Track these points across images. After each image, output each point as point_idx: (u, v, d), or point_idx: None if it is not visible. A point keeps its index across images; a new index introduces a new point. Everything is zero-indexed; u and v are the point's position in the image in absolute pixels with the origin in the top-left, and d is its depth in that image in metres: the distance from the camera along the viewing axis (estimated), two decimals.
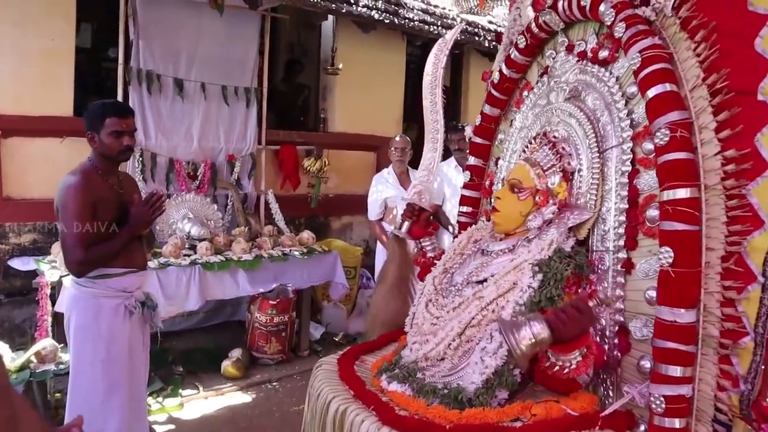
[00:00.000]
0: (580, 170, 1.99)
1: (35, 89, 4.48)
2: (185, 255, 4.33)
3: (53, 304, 3.80)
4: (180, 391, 4.19)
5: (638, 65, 1.73)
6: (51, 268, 3.91)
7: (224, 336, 5.17)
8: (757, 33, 1.59)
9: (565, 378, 1.62)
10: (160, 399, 4.03)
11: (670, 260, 1.54)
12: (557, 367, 1.61)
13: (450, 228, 5.32)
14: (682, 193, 1.56)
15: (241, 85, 5.28)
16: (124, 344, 2.79)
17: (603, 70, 2.03)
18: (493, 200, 2.12)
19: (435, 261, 2.27)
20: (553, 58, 2.28)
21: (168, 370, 4.41)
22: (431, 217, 2.48)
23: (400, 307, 2.29)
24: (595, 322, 1.67)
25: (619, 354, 1.80)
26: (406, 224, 2.42)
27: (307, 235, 5.12)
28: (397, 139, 5.16)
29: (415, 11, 6.48)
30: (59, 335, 3.73)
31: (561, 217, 1.96)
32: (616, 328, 1.82)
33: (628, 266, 1.82)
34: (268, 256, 4.65)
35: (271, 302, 4.75)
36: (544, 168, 2.01)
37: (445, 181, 5.29)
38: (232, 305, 5.43)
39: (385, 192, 5.02)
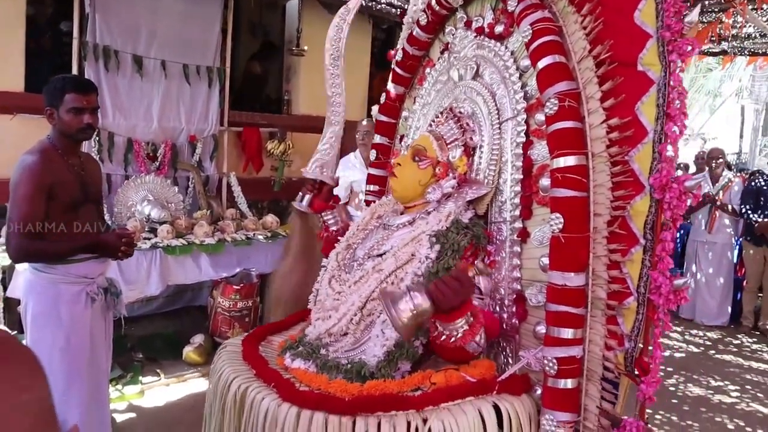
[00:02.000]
0: (481, 146, 2.03)
1: None
2: (145, 238, 4.19)
3: (4, 289, 3.63)
4: (140, 378, 4.08)
5: (529, 38, 1.77)
6: (1, 252, 3.74)
7: (185, 322, 5.05)
8: (636, 6, 1.64)
9: (453, 347, 1.62)
10: (119, 387, 3.91)
11: (560, 226, 1.59)
12: (444, 336, 1.61)
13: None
14: (571, 160, 1.60)
15: (203, 65, 5.13)
16: (85, 332, 2.67)
17: (499, 44, 2.06)
18: (393, 166, 2.11)
19: (338, 235, 2.26)
20: (453, 35, 2.30)
21: (127, 357, 4.29)
22: (332, 191, 2.46)
23: (303, 281, 2.27)
24: (473, 291, 1.69)
25: (516, 321, 1.84)
26: (307, 197, 2.37)
27: (271, 218, 5.02)
28: (364, 122, 5.08)
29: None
30: (11, 322, 3.58)
31: (460, 191, 1.99)
32: (514, 296, 1.86)
33: (523, 235, 1.87)
34: (232, 240, 4.54)
35: (234, 287, 4.65)
36: (447, 141, 2.03)
37: None
38: (192, 290, 5.31)
39: (351, 176, 4.94)
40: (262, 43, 7.28)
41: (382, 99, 2.69)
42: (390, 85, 2.65)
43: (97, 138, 4.49)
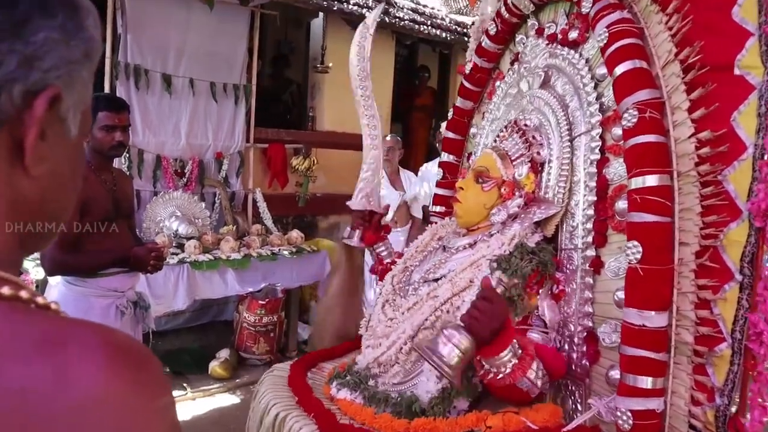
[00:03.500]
0: (549, 161, 1.86)
1: None
2: (173, 253, 4.25)
3: None
4: None
5: (605, 41, 1.59)
6: (35, 266, 3.81)
7: (211, 336, 5.10)
8: (735, 1, 1.43)
9: (504, 385, 1.46)
10: None
11: (639, 256, 1.40)
12: (491, 374, 1.45)
13: None
14: (652, 180, 1.40)
15: (229, 82, 5.20)
16: None
17: (573, 52, 1.89)
18: (456, 189, 1.97)
19: (392, 266, 2.13)
20: (524, 44, 2.14)
21: None
22: (381, 221, 2.31)
23: (345, 317, 2.20)
24: (508, 308, 1.49)
25: (587, 363, 1.64)
26: (358, 233, 2.21)
27: (296, 234, 5.06)
28: (387, 138, 5.12)
29: (405, 10, 6.45)
30: None
31: (527, 212, 1.82)
32: (584, 334, 1.66)
33: (596, 265, 1.67)
34: (257, 255, 4.58)
35: (260, 302, 4.69)
36: (512, 158, 1.87)
37: (426, 182, 5.28)
38: (218, 305, 5.36)
39: None
40: (275, 57, 7.37)
41: (450, 114, 2.54)
42: (458, 100, 2.49)
43: (127, 155, 4.58)
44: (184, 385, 4.29)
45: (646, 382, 1.37)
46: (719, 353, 1.38)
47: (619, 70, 1.52)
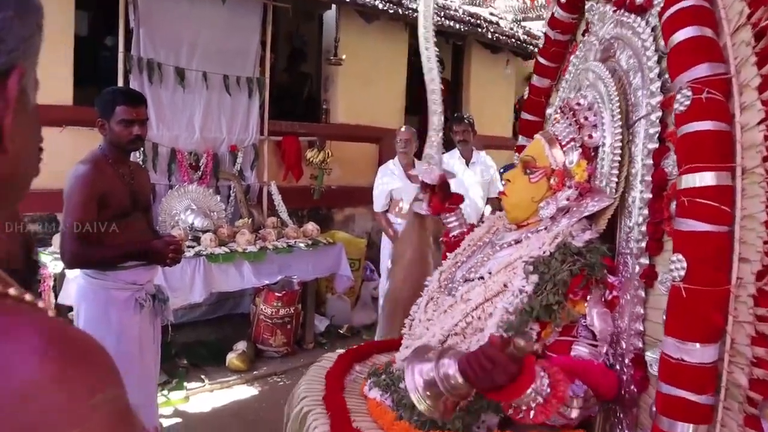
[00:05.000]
0: (603, 145, 1.61)
1: None
2: (189, 246, 4.26)
3: (56, 296, 3.72)
4: (185, 383, 4.13)
5: (662, 4, 1.34)
6: (53, 260, 3.84)
7: (227, 328, 5.11)
8: None
9: (531, 423, 1.27)
10: (165, 392, 3.97)
11: (682, 273, 1.16)
12: (511, 410, 1.28)
13: None
14: (706, 178, 1.14)
15: (243, 75, 5.20)
16: (135, 337, 2.73)
17: (639, 19, 1.60)
18: (503, 183, 1.79)
19: (460, 241, 1.97)
20: (593, 11, 1.85)
21: (172, 363, 4.34)
22: (449, 190, 2.14)
23: (416, 293, 1.99)
24: (511, 374, 1.20)
25: (635, 389, 1.39)
26: (425, 200, 2.11)
27: (311, 226, 5.06)
28: (402, 129, 5.10)
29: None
30: None
31: (580, 204, 1.61)
32: (632, 356, 1.42)
33: (649, 276, 1.40)
34: (273, 248, 4.59)
35: (276, 294, 4.70)
36: (563, 143, 1.66)
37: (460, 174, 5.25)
38: (234, 297, 5.37)
39: (390, 184, 4.96)
40: (291, 51, 7.36)
41: (525, 94, 2.31)
42: (534, 78, 2.24)
43: (142, 149, 4.59)
44: (202, 377, 4.31)
45: (686, 429, 1.15)
46: None
47: (676, 39, 1.25)
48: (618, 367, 1.47)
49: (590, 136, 1.63)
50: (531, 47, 7.87)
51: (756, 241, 1.13)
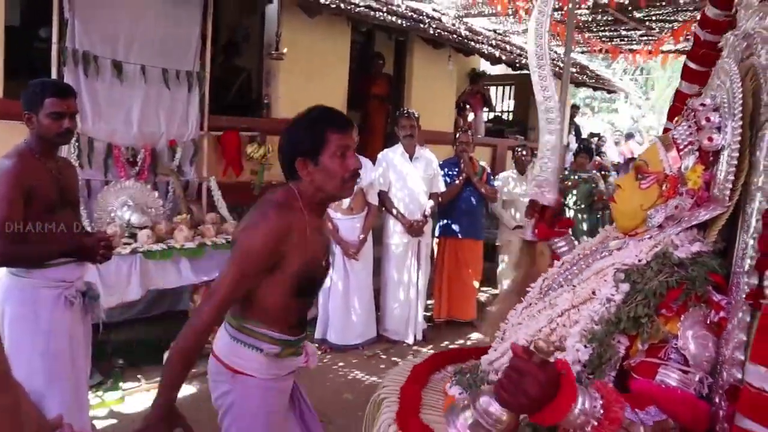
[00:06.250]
0: (724, 149, 1.46)
1: None
2: (125, 243, 4.18)
3: None
4: (121, 384, 4.06)
5: None
6: None
7: (166, 327, 5.00)
8: None
9: None
10: (99, 393, 3.90)
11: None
12: None
13: (394, 211, 5.33)
14: None
15: (182, 69, 5.11)
16: (65, 336, 2.67)
17: None
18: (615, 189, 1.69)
19: None
20: (741, 4, 1.66)
21: (107, 363, 4.26)
22: (555, 213, 2.07)
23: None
24: (541, 383, 1.14)
25: (727, 426, 1.23)
26: (531, 225, 2.05)
27: None
28: None
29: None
30: None
31: (692, 213, 1.48)
32: (728, 386, 1.25)
33: (757, 297, 1.23)
34: (212, 244, 4.53)
35: None
36: (680, 147, 1.53)
37: (390, 167, 5.29)
38: (172, 295, 5.27)
39: None
40: (232, 45, 7.27)
41: (670, 100, 2.06)
42: (681, 84, 2.04)
43: (77, 143, 4.47)
44: (138, 376, 4.24)
45: None
46: None
47: None
48: (717, 399, 1.29)
49: (710, 139, 1.47)
50: (473, 43, 7.98)
51: None
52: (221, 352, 2.07)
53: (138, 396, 4.04)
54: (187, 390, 4.20)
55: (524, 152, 6.70)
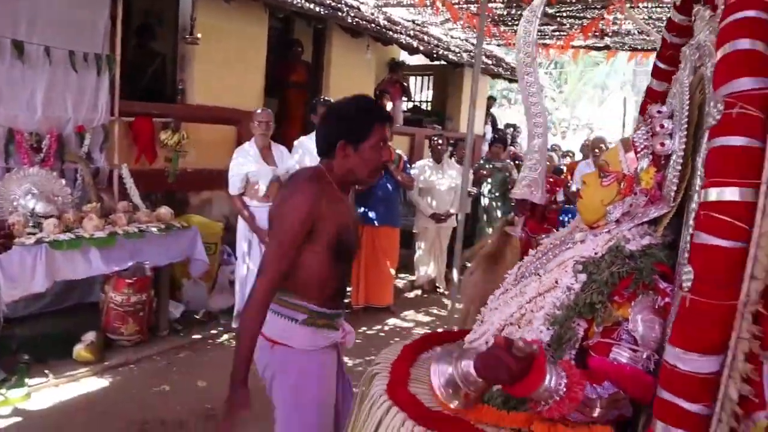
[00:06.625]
0: (673, 154, 1.63)
1: None
2: (29, 233, 4.00)
3: None
4: (26, 380, 3.89)
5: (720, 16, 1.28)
6: None
7: (75, 319, 4.84)
8: None
9: (547, 416, 1.39)
10: (3, 390, 3.72)
11: (689, 284, 1.19)
12: (532, 402, 1.41)
13: None
14: (726, 194, 1.14)
15: (90, 51, 4.91)
16: None
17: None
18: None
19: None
20: (696, 16, 1.76)
21: (11, 359, 4.07)
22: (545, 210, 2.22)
23: (488, 295, 2.07)
24: (512, 372, 1.34)
25: None
26: (521, 222, 2.19)
27: (164, 210, 4.90)
28: (259, 111, 5.07)
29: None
30: None
31: (644, 210, 1.67)
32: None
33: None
34: (123, 233, 4.39)
35: (127, 281, 4.53)
36: (638, 149, 1.70)
37: (307, 154, 5.29)
38: (82, 286, 5.09)
39: (246, 166, 4.93)
40: (140, 27, 7.03)
41: (641, 98, 2.17)
42: (652, 81, 2.14)
43: None
44: (46, 372, 4.07)
45: (659, 428, 1.18)
46: (755, 422, 1.13)
47: (725, 50, 1.22)
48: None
49: (662, 144, 1.64)
50: (391, 33, 8.02)
51: (765, 259, 1.12)
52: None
53: (45, 392, 3.89)
54: (97, 383, 4.10)
55: (440, 141, 6.82)
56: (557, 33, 8.95)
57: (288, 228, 2.01)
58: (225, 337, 5.14)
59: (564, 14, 7.75)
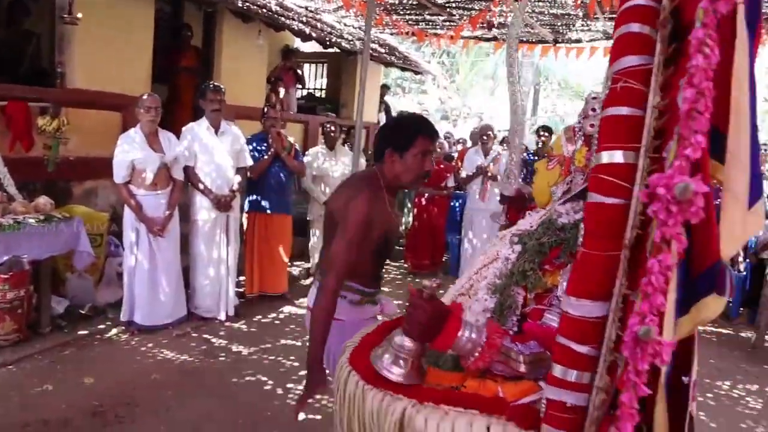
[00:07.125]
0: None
1: None
2: None
3: None
4: None
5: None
6: None
7: None
8: None
9: (474, 369, 1.50)
10: None
11: (581, 239, 1.31)
12: (462, 360, 1.52)
13: (200, 186, 5.21)
14: (616, 157, 1.27)
15: None
16: None
17: None
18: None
19: None
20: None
21: None
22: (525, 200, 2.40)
23: None
24: (429, 313, 1.49)
25: None
26: (504, 209, 2.41)
27: (43, 200, 4.64)
28: (146, 97, 4.89)
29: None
30: None
31: (576, 186, 1.77)
32: None
33: None
34: None
35: (2, 276, 4.26)
36: (576, 132, 1.85)
37: (196, 140, 5.18)
38: None
39: (132, 153, 4.75)
40: (11, 4, 6.57)
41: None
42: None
43: None
44: None
45: (571, 375, 1.28)
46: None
47: (616, 35, 1.35)
48: None
49: (591, 126, 1.77)
50: (283, 19, 7.94)
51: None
52: None
53: None
54: None
55: (333, 128, 6.83)
56: (447, 23, 9.15)
57: (352, 227, 2.28)
58: (114, 331, 4.94)
59: (453, 5, 7.94)
